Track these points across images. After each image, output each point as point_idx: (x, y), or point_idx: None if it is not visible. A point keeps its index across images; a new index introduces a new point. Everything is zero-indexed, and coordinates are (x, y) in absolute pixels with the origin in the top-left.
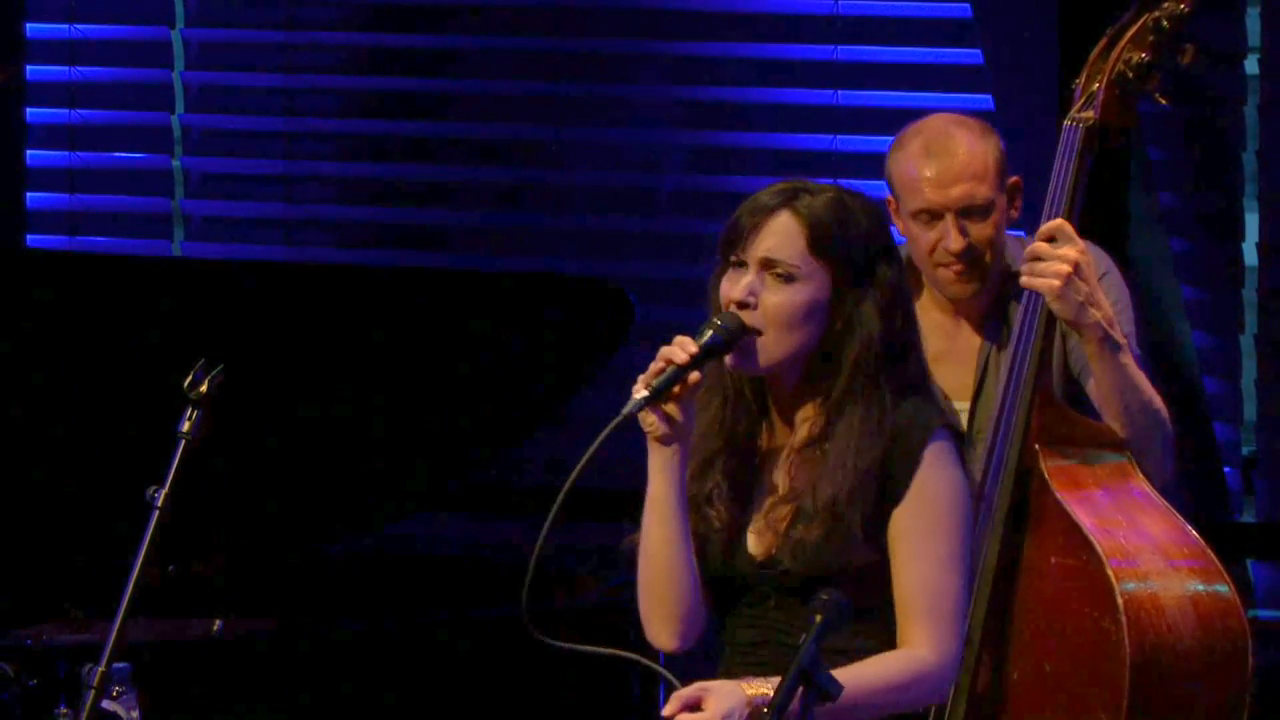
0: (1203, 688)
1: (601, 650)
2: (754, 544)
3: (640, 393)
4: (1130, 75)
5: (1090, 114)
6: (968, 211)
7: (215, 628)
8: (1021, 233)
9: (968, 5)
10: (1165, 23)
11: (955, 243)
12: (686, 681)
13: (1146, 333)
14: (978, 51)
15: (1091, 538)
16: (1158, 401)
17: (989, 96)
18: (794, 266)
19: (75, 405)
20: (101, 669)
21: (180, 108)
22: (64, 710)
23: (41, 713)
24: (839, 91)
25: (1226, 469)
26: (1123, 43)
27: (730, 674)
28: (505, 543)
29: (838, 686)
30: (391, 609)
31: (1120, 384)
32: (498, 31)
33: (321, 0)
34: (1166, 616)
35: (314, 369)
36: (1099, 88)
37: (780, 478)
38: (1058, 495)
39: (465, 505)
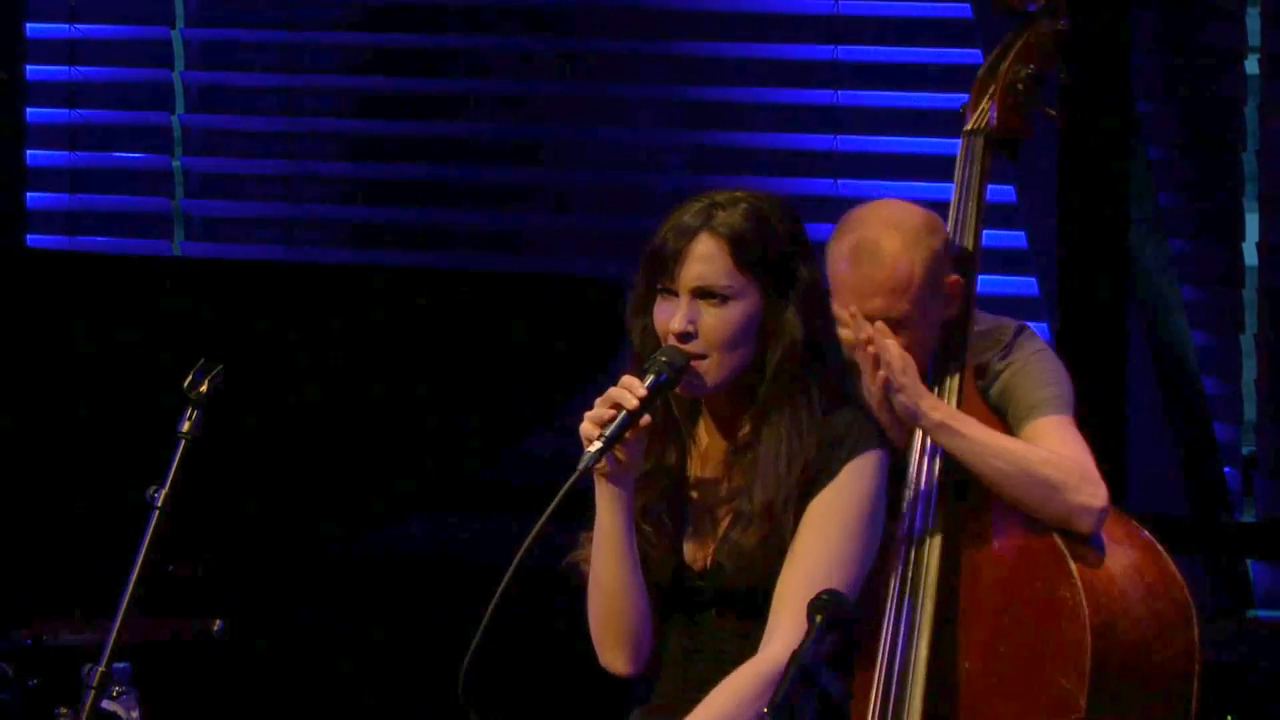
0: (1155, 654)
1: None
2: (691, 552)
3: (594, 445)
4: (1020, 86)
5: (988, 124)
6: (886, 320)
7: (215, 627)
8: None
9: (968, 5)
10: (1046, 39)
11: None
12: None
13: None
14: (978, 51)
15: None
16: (1042, 467)
17: None
18: (726, 287)
19: (75, 405)
20: (101, 669)
21: (180, 108)
22: (64, 710)
23: (41, 713)
24: (839, 91)
25: (1226, 469)
26: (1009, 59)
27: (665, 683)
28: (504, 541)
29: (839, 686)
30: (391, 609)
31: (971, 457)
32: (497, 31)
33: (322, 0)
34: (1117, 583)
35: (314, 369)
36: (993, 100)
37: (715, 486)
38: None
39: (464, 505)
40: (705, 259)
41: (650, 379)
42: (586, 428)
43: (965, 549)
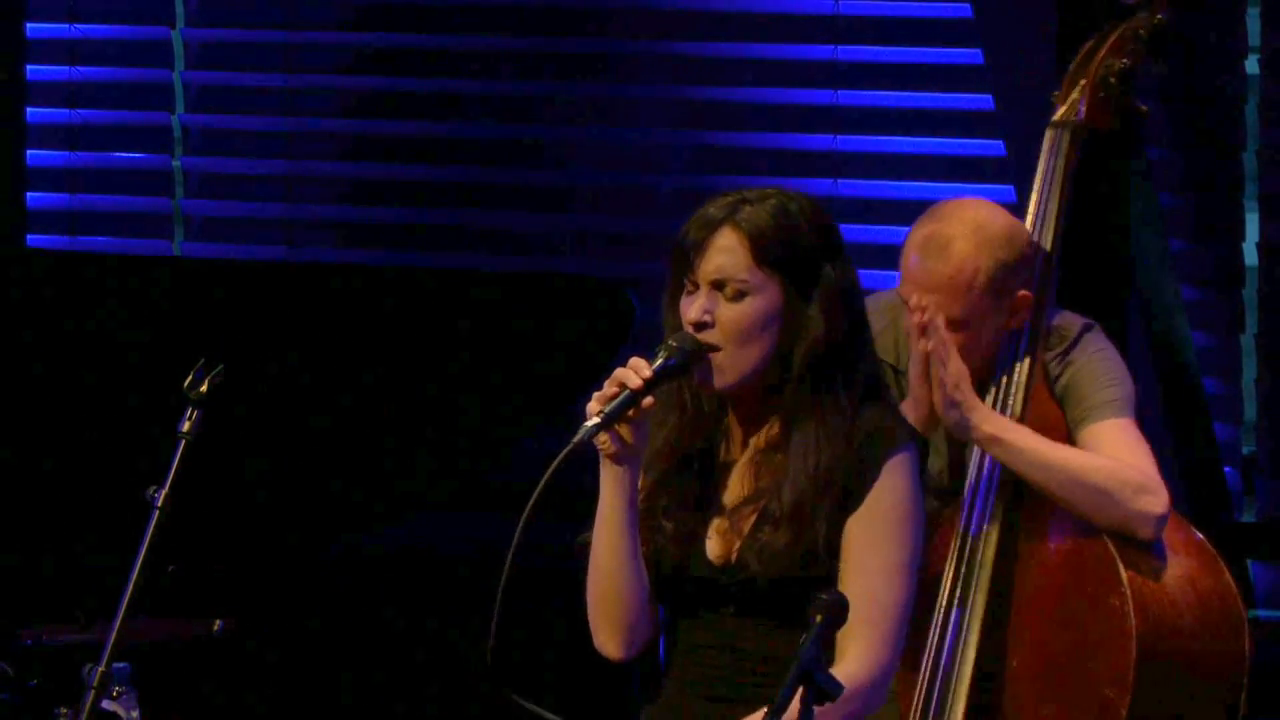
0: (1203, 665)
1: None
2: (713, 548)
3: (592, 419)
4: (1112, 80)
5: (1075, 118)
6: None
7: (215, 627)
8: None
9: (968, 5)
10: (1143, 32)
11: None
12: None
13: (1143, 391)
14: (978, 51)
15: None
16: (1095, 475)
17: (989, 96)
18: (743, 282)
19: (75, 405)
20: (101, 669)
21: (180, 108)
22: (64, 710)
23: (41, 713)
24: (839, 91)
25: (1226, 469)
26: (1104, 50)
27: (679, 677)
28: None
29: (838, 686)
30: (393, 608)
31: (1024, 468)
32: (498, 31)
33: (322, 0)
34: (1168, 593)
35: (314, 369)
36: (1082, 93)
37: (742, 483)
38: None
39: (466, 505)
40: (725, 251)
41: (658, 362)
42: (591, 405)
43: (1021, 548)
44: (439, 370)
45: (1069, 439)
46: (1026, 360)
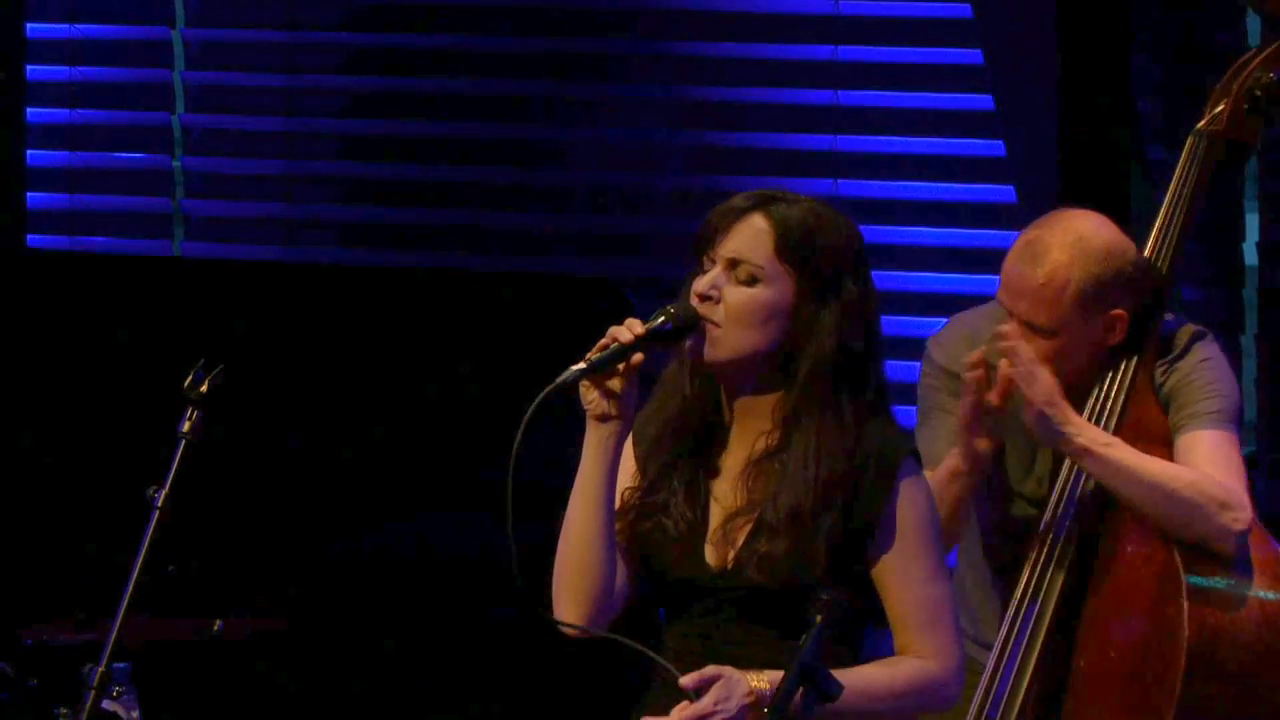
0: (1259, 683)
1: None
2: (711, 554)
3: (580, 364)
4: (1259, 93)
5: (1217, 126)
6: (1029, 325)
7: (215, 627)
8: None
9: (968, 5)
10: None
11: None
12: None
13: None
14: (978, 51)
15: None
16: (1182, 490)
17: (989, 97)
18: (758, 268)
19: (75, 405)
20: (101, 669)
21: (180, 108)
22: (64, 710)
23: (41, 713)
24: (839, 91)
25: None
26: (1256, 62)
27: (670, 684)
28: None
29: (838, 686)
30: (393, 607)
31: (1111, 480)
32: (497, 32)
33: (322, 1)
34: (1230, 608)
35: (314, 368)
36: (1227, 102)
37: (737, 489)
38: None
39: (463, 504)
40: (749, 235)
41: (653, 323)
42: (580, 361)
43: (1098, 551)
44: (437, 369)
45: (1168, 444)
46: (1133, 365)
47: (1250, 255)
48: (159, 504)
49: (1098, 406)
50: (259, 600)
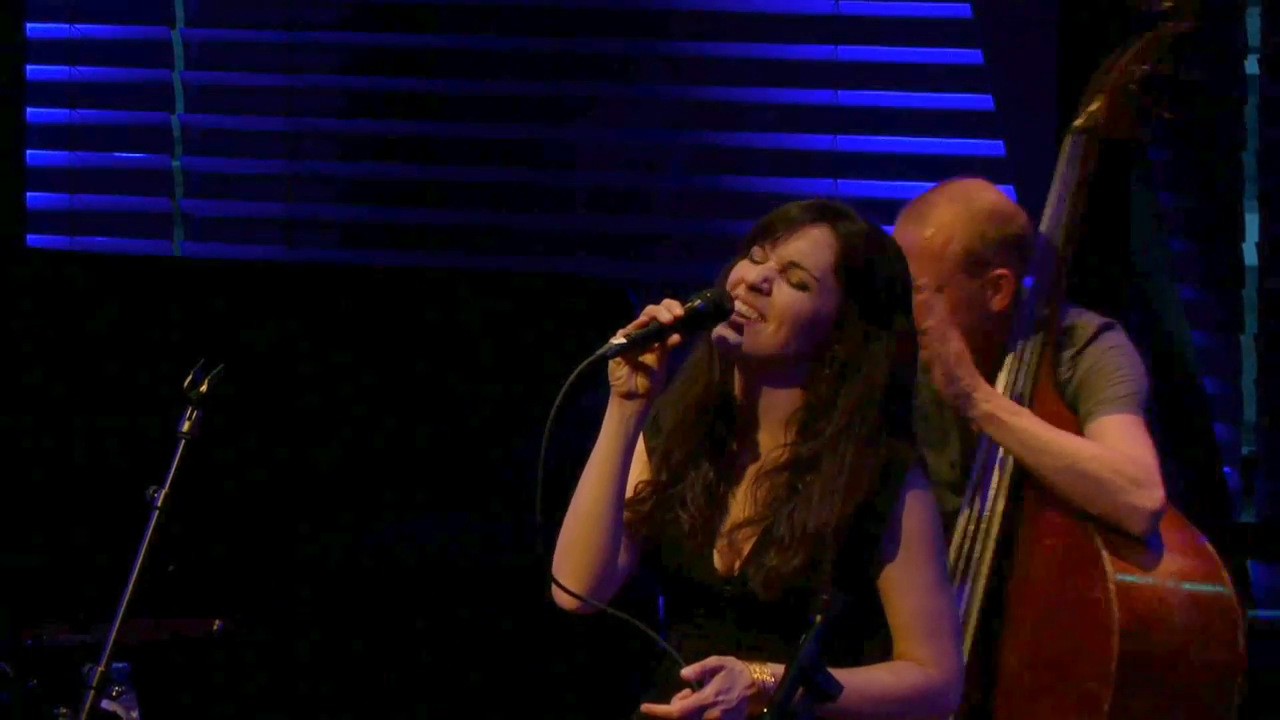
0: (1192, 662)
1: (617, 613)
2: (719, 558)
3: (618, 339)
4: (1133, 87)
5: (1092, 124)
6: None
7: (215, 627)
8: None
9: (968, 5)
10: (1168, 40)
11: None
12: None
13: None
14: (978, 51)
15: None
16: (1091, 464)
17: (989, 97)
18: (813, 278)
19: (75, 405)
20: (101, 669)
21: (180, 108)
22: (63, 710)
23: (41, 713)
24: (839, 92)
25: (1226, 469)
26: (1127, 57)
27: (671, 677)
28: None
29: (837, 686)
30: (393, 609)
31: (1019, 450)
32: (498, 31)
33: (322, 0)
34: (1157, 590)
35: (314, 368)
36: (1102, 99)
37: (750, 495)
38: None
39: (466, 505)
40: (814, 242)
41: (692, 305)
42: (617, 336)
43: (1018, 543)
44: (439, 370)
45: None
46: (1035, 354)
47: (1250, 255)
48: (159, 504)
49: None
50: (258, 600)
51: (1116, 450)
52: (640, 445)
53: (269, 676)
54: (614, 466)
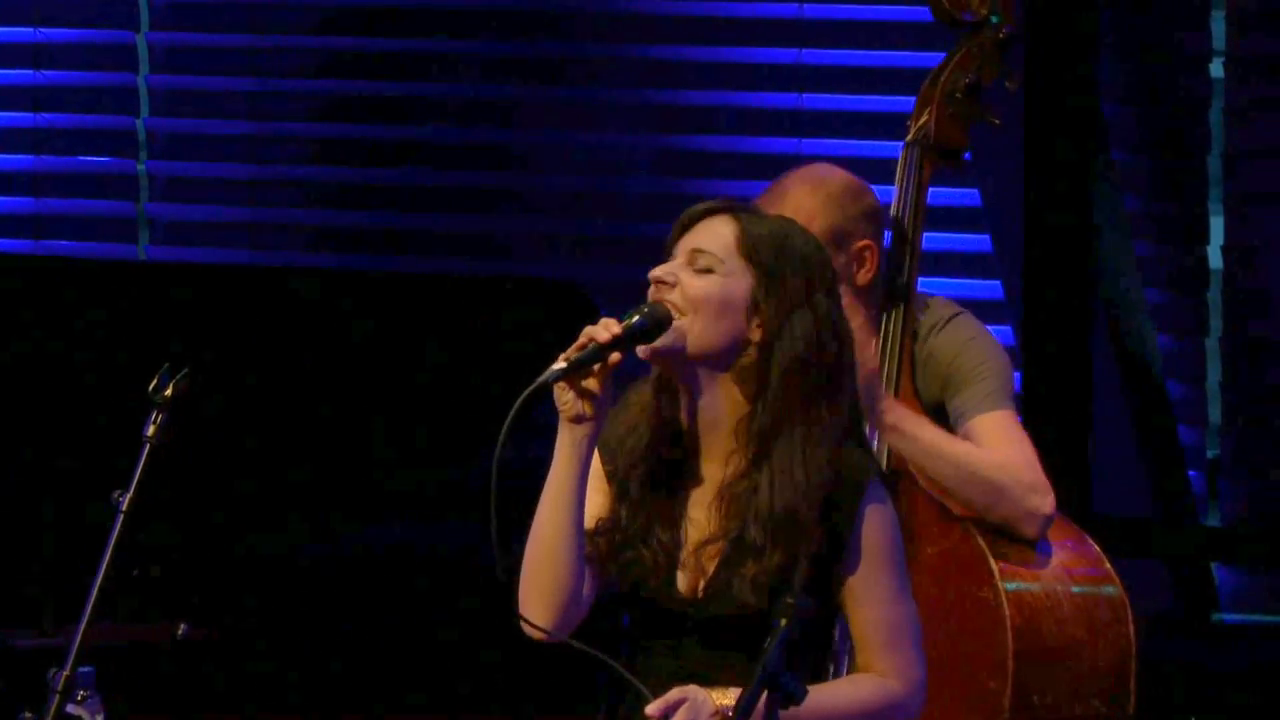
0: (1086, 653)
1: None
2: (683, 580)
3: (558, 364)
4: (958, 95)
5: (925, 136)
6: None
7: (179, 631)
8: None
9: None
10: (988, 47)
11: None
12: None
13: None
14: (941, 55)
15: (960, 514)
16: (992, 471)
17: None
18: (716, 260)
19: (40, 409)
20: (66, 673)
21: (145, 111)
22: (28, 714)
23: (6, 716)
24: (804, 95)
25: (1191, 472)
26: (950, 68)
27: (636, 709)
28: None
29: (802, 690)
30: (359, 612)
31: (921, 459)
32: (465, 35)
33: (287, 4)
34: (1043, 583)
35: (278, 372)
36: (930, 110)
37: (708, 516)
38: (923, 484)
39: (431, 509)
40: (712, 231)
41: (629, 321)
42: (558, 361)
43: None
44: (404, 372)
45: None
46: (897, 354)
47: (1215, 259)
48: (124, 508)
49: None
50: (222, 604)
51: (1010, 455)
52: (598, 467)
53: (233, 680)
54: (570, 491)
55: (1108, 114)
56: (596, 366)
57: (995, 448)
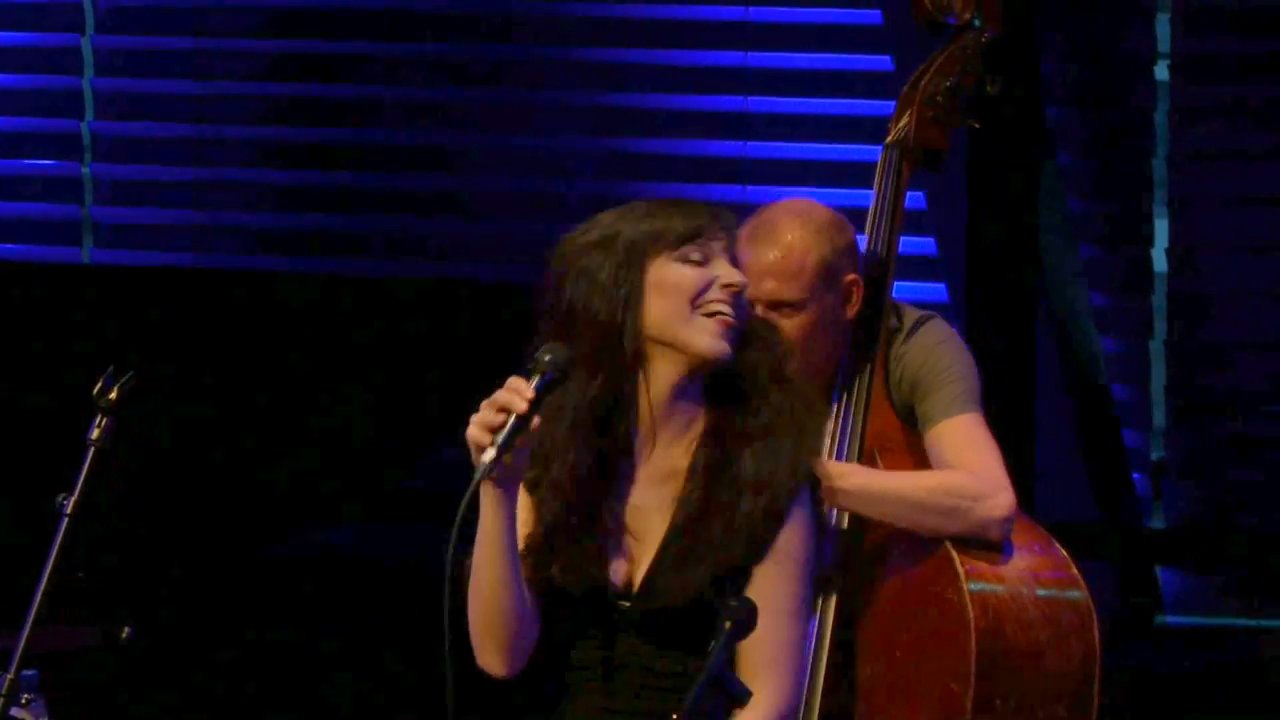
0: (1050, 657)
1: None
2: (620, 572)
3: (489, 453)
4: (939, 99)
5: (905, 138)
6: (775, 305)
7: (124, 634)
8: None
9: (878, 11)
10: (970, 50)
11: None
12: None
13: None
14: (888, 58)
15: None
16: (932, 496)
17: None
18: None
19: None
20: (10, 676)
21: (90, 114)
22: None
23: None
24: (749, 98)
25: (1135, 475)
26: (930, 72)
27: (577, 689)
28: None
29: (747, 692)
30: (307, 616)
31: (861, 508)
32: (409, 38)
33: (231, 8)
34: (1007, 583)
35: (223, 375)
36: (911, 113)
37: (652, 507)
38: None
39: (382, 514)
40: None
41: (537, 379)
42: (474, 433)
43: (865, 552)
44: (347, 376)
45: (911, 449)
46: (867, 378)
47: (1159, 261)
48: (68, 511)
49: (839, 427)
50: (170, 607)
51: (950, 470)
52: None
53: (177, 684)
54: (501, 545)
55: (1052, 116)
56: (519, 439)
57: (948, 455)
